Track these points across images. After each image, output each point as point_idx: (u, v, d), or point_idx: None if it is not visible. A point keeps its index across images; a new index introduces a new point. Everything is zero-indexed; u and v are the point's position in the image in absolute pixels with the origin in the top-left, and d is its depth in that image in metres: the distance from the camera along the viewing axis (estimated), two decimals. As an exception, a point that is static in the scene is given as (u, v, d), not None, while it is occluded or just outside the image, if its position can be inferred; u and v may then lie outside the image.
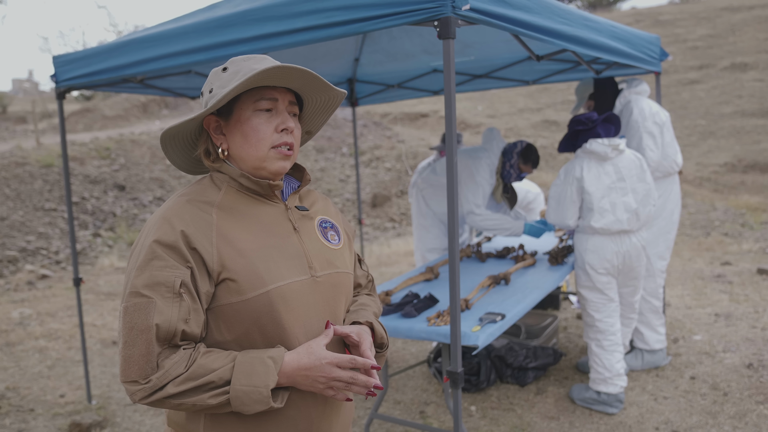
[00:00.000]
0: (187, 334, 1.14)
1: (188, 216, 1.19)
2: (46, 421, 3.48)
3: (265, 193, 1.28)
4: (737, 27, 21.56)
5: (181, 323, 1.12)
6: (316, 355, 1.15)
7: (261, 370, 1.11)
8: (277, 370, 1.12)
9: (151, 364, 1.10)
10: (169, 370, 1.10)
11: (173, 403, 1.11)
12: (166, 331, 1.11)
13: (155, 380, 1.10)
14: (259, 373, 1.11)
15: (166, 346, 1.12)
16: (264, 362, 1.12)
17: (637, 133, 3.66)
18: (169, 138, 1.28)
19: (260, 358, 1.13)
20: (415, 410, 3.45)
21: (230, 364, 1.12)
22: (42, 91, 41.47)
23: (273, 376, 1.12)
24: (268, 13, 2.45)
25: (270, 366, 1.12)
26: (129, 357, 1.11)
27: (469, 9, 2.10)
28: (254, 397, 1.10)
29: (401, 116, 16.84)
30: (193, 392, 1.10)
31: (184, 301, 1.13)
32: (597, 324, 3.31)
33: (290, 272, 1.22)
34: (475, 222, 3.78)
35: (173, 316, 1.11)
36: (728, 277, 5.88)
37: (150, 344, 1.10)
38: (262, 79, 1.20)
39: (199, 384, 1.10)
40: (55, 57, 3.41)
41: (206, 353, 1.14)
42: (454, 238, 2.20)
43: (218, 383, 1.10)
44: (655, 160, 3.64)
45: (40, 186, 9.57)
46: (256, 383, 1.10)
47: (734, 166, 12.56)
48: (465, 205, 3.80)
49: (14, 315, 5.65)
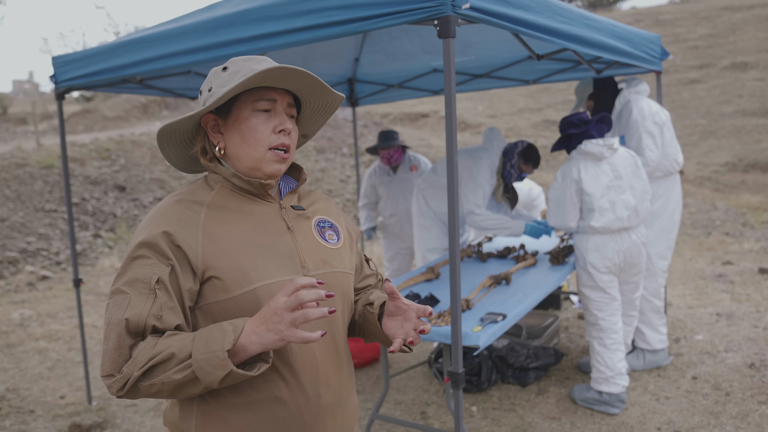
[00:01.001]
0: (158, 330, 1.14)
1: (175, 215, 1.20)
2: (47, 423, 3.47)
3: (257, 193, 1.28)
4: (738, 26, 21.55)
5: (151, 318, 1.12)
6: (271, 305, 1.08)
7: (218, 335, 1.09)
8: (235, 334, 1.08)
9: (123, 356, 1.11)
10: (137, 356, 1.10)
11: (144, 385, 1.11)
12: (135, 325, 1.11)
13: (126, 369, 1.10)
14: (216, 339, 1.08)
15: (140, 339, 1.13)
16: (221, 327, 1.10)
17: (637, 133, 3.65)
18: (167, 135, 1.28)
19: (219, 325, 1.11)
20: (416, 411, 3.44)
21: (191, 337, 1.11)
22: (42, 92, 41.49)
23: (229, 338, 1.07)
24: (267, 12, 2.44)
25: (227, 330, 1.09)
26: (105, 351, 1.12)
27: (470, 8, 2.09)
28: (213, 362, 1.07)
29: (401, 116, 16.84)
30: (158, 370, 1.10)
31: (158, 298, 1.13)
32: (600, 323, 3.30)
33: (279, 271, 1.21)
34: (475, 222, 3.77)
35: (144, 311, 1.12)
36: (730, 276, 5.87)
37: (121, 337, 1.11)
38: (263, 79, 1.21)
39: (162, 359, 1.09)
40: (55, 57, 3.40)
41: (170, 335, 1.13)
42: (454, 238, 2.19)
43: (179, 356, 1.09)
44: (654, 160, 3.63)
45: (40, 187, 9.57)
46: (213, 348, 1.08)
47: (735, 166, 12.55)
48: (465, 205, 3.79)
49: (14, 316, 5.64)
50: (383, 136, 4.75)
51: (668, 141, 3.69)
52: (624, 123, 3.74)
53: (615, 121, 3.83)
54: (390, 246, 5.04)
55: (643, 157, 3.61)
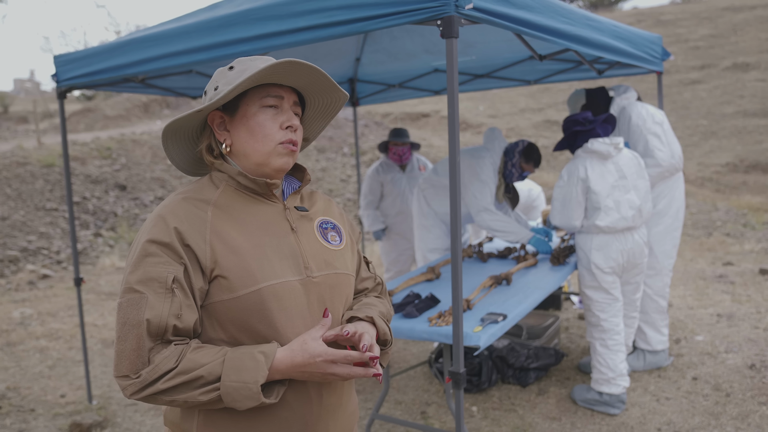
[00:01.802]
0: (179, 329, 1.13)
1: (183, 213, 1.19)
2: (47, 421, 3.47)
3: (262, 192, 1.28)
4: (739, 27, 21.53)
5: (172, 318, 1.12)
6: (309, 351, 1.13)
7: (251, 365, 1.10)
8: (267, 366, 1.11)
9: (142, 359, 1.10)
10: (159, 364, 1.10)
11: (165, 399, 1.11)
12: (157, 326, 1.11)
13: (145, 375, 1.10)
14: (248, 369, 1.09)
15: (159, 341, 1.12)
16: (254, 357, 1.11)
17: (642, 137, 3.64)
18: (172, 132, 1.28)
19: (250, 353, 1.12)
20: (416, 411, 3.44)
21: (220, 359, 1.11)
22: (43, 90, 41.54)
23: (263, 372, 1.10)
24: (269, 12, 2.44)
25: (260, 361, 1.10)
26: (121, 352, 1.11)
27: (473, 8, 2.09)
28: (244, 393, 1.08)
29: (402, 116, 16.84)
30: (184, 388, 1.10)
31: (176, 297, 1.13)
32: (602, 324, 3.30)
33: (284, 271, 1.21)
34: (485, 221, 3.74)
35: (164, 311, 1.11)
36: (730, 277, 5.86)
37: (141, 339, 1.10)
38: (272, 75, 1.21)
39: (189, 379, 1.09)
40: (56, 56, 3.40)
41: (197, 348, 1.14)
42: (456, 238, 2.19)
43: (208, 379, 1.09)
44: (666, 159, 3.60)
45: (41, 186, 9.57)
46: (245, 379, 1.08)
47: (736, 167, 12.54)
48: (474, 204, 3.77)
49: (15, 315, 5.64)
50: (397, 132, 4.70)
51: (671, 139, 3.69)
52: (624, 129, 3.73)
53: None
54: (394, 247, 4.93)
55: (653, 158, 3.59)
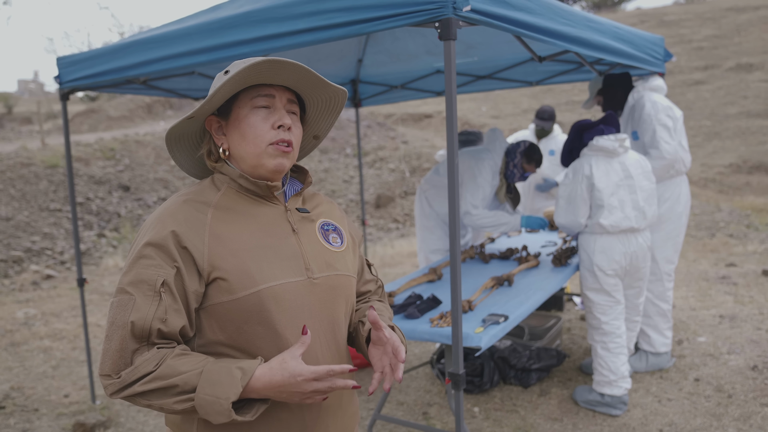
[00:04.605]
0: (164, 333, 1.13)
1: (182, 215, 1.20)
2: (50, 421, 3.49)
3: (263, 194, 1.28)
4: (742, 27, 21.47)
5: (156, 322, 1.12)
6: (290, 371, 1.10)
7: (226, 380, 1.08)
8: (243, 383, 1.08)
9: (124, 359, 1.11)
10: (138, 367, 1.10)
11: (143, 402, 1.11)
12: (141, 329, 1.11)
13: (125, 376, 1.10)
14: (223, 384, 1.08)
15: (144, 343, 1.12)
16: (231, 373, 1.09)
17: (651, 126, 3.62)
18: (175, 139, 1.29)
19: (228, 368, 1.10)
20: (418, 411, 3.45)
21: (198, 370, 1.10)
22: (47, 91, 41.67)
23: (236, 389, 1.07)
24: (270, 14, 2.45)
25: (236, 377, 1.08)
26: (106, 351, 1.13)
27: (470, 10, 2.10)
28: (216, 408, 1.07)
29: (405, 117, 16.83)
30: (160, 393, 1.10)
31: (163, 301, 1.13)
32: (603, 326, 3.29)
33: (284, 273, 1.21)
34: (472, 221, 3.76)
35: (149, 314, 1.12)
36: (733, 278, 5.85)
37: (125, 340, 1.11)
38: (257, 75, 1.20)
39: (165, 385, 1.09)
40: (59, 58, 3.42)
41: (180, 355, 1.13)
42: (455, 238, 2.20)
43: (184, 388, 1.09)
44: (671, 152, 3.57)
45: (45, 186, 9.61)
46: (218, 394, 1.07)
47: (739, 167, 12.49)
48: (462, 205, 3.79)
49: (19, 315, 5.67)
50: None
51: (680, 137, 3.67)
52: (637, 118, 3.71)
53: (627, 116, 3.81)
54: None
55: (658, 150, 3.57)
